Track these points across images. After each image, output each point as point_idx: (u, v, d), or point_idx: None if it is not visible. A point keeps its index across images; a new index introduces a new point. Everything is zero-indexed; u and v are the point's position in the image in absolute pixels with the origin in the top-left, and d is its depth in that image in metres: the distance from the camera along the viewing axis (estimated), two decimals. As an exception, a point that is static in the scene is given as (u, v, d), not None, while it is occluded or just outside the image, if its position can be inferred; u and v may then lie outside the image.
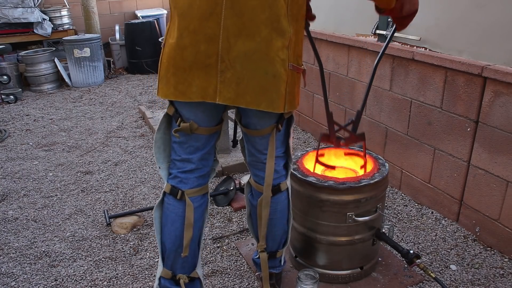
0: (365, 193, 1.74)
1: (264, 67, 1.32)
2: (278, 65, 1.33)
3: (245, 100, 1.35)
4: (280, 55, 1.33)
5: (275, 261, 1.82)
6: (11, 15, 5.54)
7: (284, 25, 1.31)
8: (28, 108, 4.76)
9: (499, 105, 1.98)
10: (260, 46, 1.30)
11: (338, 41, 3.05)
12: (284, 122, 1.55)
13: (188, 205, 1.54)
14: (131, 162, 3.29)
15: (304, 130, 3.81)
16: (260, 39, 1.30)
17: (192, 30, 1.32)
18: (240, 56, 1.31)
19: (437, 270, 2.01)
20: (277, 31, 1.31)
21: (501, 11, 1.94)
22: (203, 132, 1.50)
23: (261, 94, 1.35)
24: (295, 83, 1.44)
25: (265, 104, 1.36)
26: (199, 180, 1.58)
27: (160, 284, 1.62)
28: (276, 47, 1.32)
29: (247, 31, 1.29)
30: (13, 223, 2.51)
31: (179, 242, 1.55)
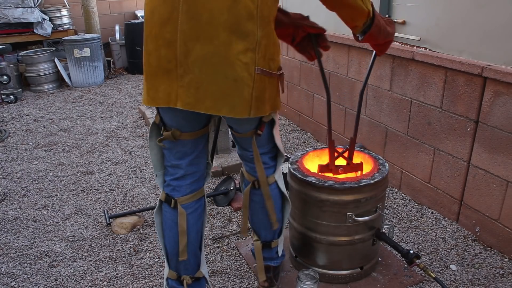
0: (365, 193, 1.74)
1: (223, 71, 1.29)
2: (240, 69, 1.29)
3: (205, 105, 1.32)
4: (241, 59, 1.28)
5: (270, 252, 1.82)
6: (11, 15, 5.55)
7: (248, 28, 1.27)
8: (28, 108, 4.76)
9: (499, 105, 1.98)
10: (218, 49, 1.27)
11: (338, 41, 3.05)
12: (266, 126, 1.55)
13: (180, 214, 1.56)
14: (131, 162, 3.29)
15: (304, 130, 3.81)
16: (218, 42, 1.26)
17: (154, 35, 1.32)
18: (199, 60, 1.28)
19: (437, 270, 2.01)
20: (237, 34, 1.27)
21: (501, 11, 1.94)
22: (188, 137, 1.50)
23: (222, 99, 1.31)
24: (266, 88, 1.39)
25: (226, 110, 1.33)
26: (192, 186, 1.59)
27: (168, 284, 1.67)
28: (236, 50, 1.27)
29: (205, 35, 1.26)
30: (13, 223, 2.51)
31: (178, 247, 1.59)
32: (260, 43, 1.31)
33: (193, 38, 1.27)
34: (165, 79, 1.33)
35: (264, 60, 1.35)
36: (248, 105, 1.35)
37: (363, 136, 3.00)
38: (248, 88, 1.32)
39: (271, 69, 1.39)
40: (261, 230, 1.79)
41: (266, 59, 1.35)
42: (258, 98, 1.37)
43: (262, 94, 1.38)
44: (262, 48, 1.32)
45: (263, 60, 1.34)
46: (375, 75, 2.76)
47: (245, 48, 1.28)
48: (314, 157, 2.03)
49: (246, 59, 1.29)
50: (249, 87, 1.32)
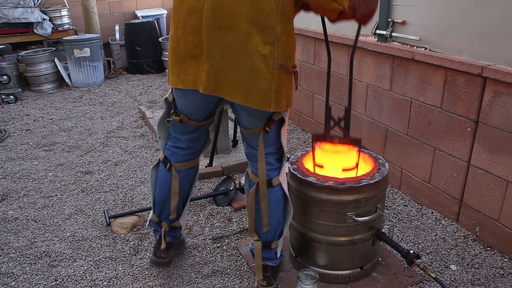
0: (365, 193, 1.74)
1: (241, 60, 1.35)
2: (257, 60, 1.35)
3: (222, 90, 1.40)
4: (260, 51, 1.34)
5: (270, 253, 1.83)
6: (11, 15, 5.54)
7: (268, 22, 1.32)
8: (28, 108, 4.76)
9: (499, 105, 1.98)
10: (238, 39, 1.33)
11: (338, 41, 3.05)
12: (274, 124, 1.57)
13: (174, 177, 1.79)
14: (131, 162, 3.29)
15: (304, 130, 3.81)
16: (239, 32, 1.32)
17: (182, 23, 1.42)
18: (220, 47, 1.35)
19: (437, 270, 2.01)
20: (257, 26, 1.32)
21: (501, 11, 1.94)
22: (193, 124, 1.69)
23: (237, 86, 1.38)
24: (284, 83, 1.44)
25: (240, 97, 1.40)
26: (188, 156, 1.80)
27: (149, 224, 1.95)
28: (255, 41, 1.33)
29: (226, 24, 1.33)
30: (13, 223, 2.51)
31: (165, 200, 1.83)
32: (279, 38, 1.36)
33: (215, 26, 1.34)
34: (193, 63, 1.44)
35: (283, 56, 1.40)
36: (267, 98, 1.40)
37: (363, 136, 3.00)
38: (265, 80, 1.38)
39: (288, 65, 1.44)
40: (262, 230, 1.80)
41: (284, 55, 1.40)
42: (278, 92, 1.42)
43: (280, 88, 1.43)
44: (281, 43, 1.37)
45: (282, 55, 1.39)
46: (375, 75, 2.76)
47: (264, 41, 1.34)
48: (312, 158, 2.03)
49: (265, 51, 1.34)
50: (266, 80, 1.38)
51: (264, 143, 1.62)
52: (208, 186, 2.85)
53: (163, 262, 1.93)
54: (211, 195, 2.67)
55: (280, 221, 1.78)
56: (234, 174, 2.98)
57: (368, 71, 2.82)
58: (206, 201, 2.67)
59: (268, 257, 1.84)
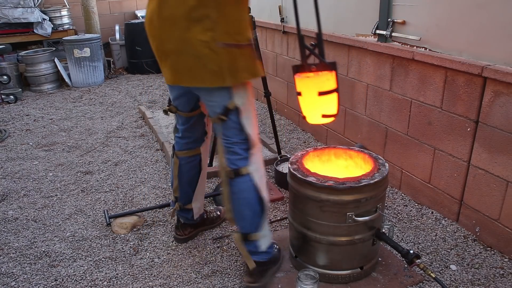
0: (365, 193, 1.74)
1: (187, 51, 1.56)
2: (200, 47, 1.54)
3: (182, 80, 1.64)
4: (201, 38, 1.54)
5: (250, 245, 1.83)
6: (11, 15, 5.55)
7: (200, 13, 1.52)
8: (28, 108, 4.76)
9: (499, 105, 1.98)
10: (180, 34, 1.56)
11: (338, 41, 3.05)
12: (232, 114, 1.68)
13: (174, 162, 2.07)
14: (131, 162, 3.29)
15: (304, 130, 3.81)
16: (179, 29, 1.55)
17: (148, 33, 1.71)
18: (169, 47, 1.60)
19: (437, 270, 2.01)
20: (192, 20, 1.53)
21: (501, 11, 1.94)
22: (182, 114, 1.94)
23: (191, 74, 1.60)
24: (237, 58, 1.59)
25: (196, 81, 1.61)
26: (188, 145, 2.03)
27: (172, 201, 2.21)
28: (194, 32, 1.54)
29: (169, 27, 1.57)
30: (13, 223, 2.51)
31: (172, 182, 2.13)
32: (217, 21, 1.54)
33: (164, 31, 1.60)
34: (162, 63, 1.72)
35: (229, 35, 1.57)
36: (220, 75, 1.58)
37: (363, 136, 3.00)
38: (213, 61, 1.56)
39: (239, 41, 1.60)
40: (238, 220, 1.83)
41: (230, 34, 1.57)
42: (231, 67, 1.58)
43: (234, 63, 1.59)
44: (221, 26, 1.55)
45: (227, 35, 1.56)
46: (375, 75, 2.76)
47: (202, 29, 1.54)
48: (314, 157, 2.03)
49: (205, 37, 1.54)
50: (214, 60, 1.56)
51: (228, 132, 1.74)
52: (208, 186, 2.85)
53: (178, 238, 2.26)
54: (211, 195, 2.67)
55: (256, 212, 1.79)
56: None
57: (368, 71, 2.82)
58: (206, 201, 2.67)
59: (250, 250, 1.83)
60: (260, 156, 1.82)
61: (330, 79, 1.73)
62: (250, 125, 1.73)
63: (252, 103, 1.76)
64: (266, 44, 4.28)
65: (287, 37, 3.83)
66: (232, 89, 1.65)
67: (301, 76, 1.74)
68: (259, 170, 1.79)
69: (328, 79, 1.74)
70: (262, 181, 1.80)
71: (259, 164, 1.80)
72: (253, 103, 1.77)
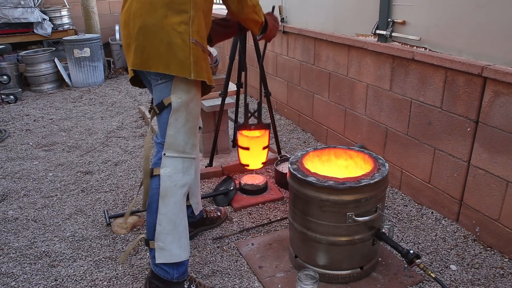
0: (365, 193, 1.74)
1: (160, 37, 1.58)
2: (173, 36, 1.58)
3: (148, 64, 1.61)
4: (176, 28, 1.58)
5: (151, 252, 1.77)
6: (11, 15, 5.55)
7: (183, 7, 1.59)
8: (28, 108, 4.76)
9: (499, 105, 1.98)
10: (157, 21, 1.58)
11: (338, 41, 3.05)
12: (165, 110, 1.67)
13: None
14: (131, 162, 3.29)
15: (304, 130, 3.81)
16: (157, 15, 1.58)
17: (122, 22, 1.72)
18: (142, 30, 1.60)
19: (437, 270, 2.01)
20: (172, 10, 1.58)
21: (501, 11, 1.94)
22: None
23: (158, 58, 1.59)
24: (201, 58, 1.64)
25: (162, 67, 1.60)
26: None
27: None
28: (171, 22, 1.58)
29: (147, 11, 1.59)
30: (13, 223, 2.51)
31: None
32: (193, 20, 1.61)
33: (138, 15, 1.61)
34: (128, 53, 1.70)
35: (198, 36, 1.63)
36: (187, 67, 1.60)
37: (363, 136, 3.00)
38: (183, 52, 1.59)
39: (204, 46, 1.67)
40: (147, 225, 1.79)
41: (199, 35, 1.64)
42: (196, 63, 1.62)
43: (199, 61, 1.63)
44: (195, 25, 1.62)
45: (197, 34, 1.63)
46: (375, 75, 2.76)
47: (180, 21, 1.59)
48: (314, 157, 2.03)
49: (180, 29, 1.59)
50: (184, 51, 1.59)
51: (159, 131, 1.74)
52: (208, 186, 2.85)
53: None
54: (211, 195, 2.67)
55: (153, 222, 1.71)
56: (234, 174, 2.98)
57: (368, 71, 2.82)
58: (206, 201, 2.67)
59: (151, 258, 1.78)
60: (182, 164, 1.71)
61: (266, 136, 2.66)
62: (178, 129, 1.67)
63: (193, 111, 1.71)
64: (266, 44, 4.28)
65: (287, 37, 3.83)
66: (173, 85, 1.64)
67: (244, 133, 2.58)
68: (172, 178, 1.69)
69: (265, 137, 2.66)
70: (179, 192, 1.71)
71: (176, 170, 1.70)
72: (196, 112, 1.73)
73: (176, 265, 1.77)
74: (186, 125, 1.69)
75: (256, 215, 2.51)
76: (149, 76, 1.70)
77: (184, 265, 1.80)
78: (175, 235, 1.73)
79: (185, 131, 1.69)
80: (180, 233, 1.75)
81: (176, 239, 1.74)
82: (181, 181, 1.71)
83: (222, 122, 3.05)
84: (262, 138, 2.65)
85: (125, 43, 1.72)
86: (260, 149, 2.66)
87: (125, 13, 1.69)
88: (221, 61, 4.41)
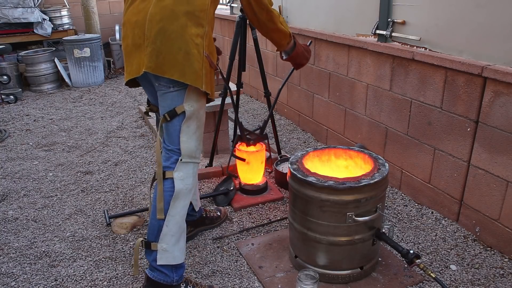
0: (365, 193, 1.74)
1: (179, 45, 1.59)
2: (192, 46, 1.60)
3: (162, 69, 1.61)
4: (194, 40, 1.60)
5: (150, 255, 1.77)
6: (11, 15, 5.55)
7: (201, 20, 1.62)
8: (28, 108, 4.76)
9: (499, 105, 1.98)
10: (177, 28, 1.59)
11: (338, 41, 3.05)
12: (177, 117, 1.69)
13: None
14: (131, 162, 3.29)
15: (304, 130, 3.81)
16: (177, 23, 1.59)
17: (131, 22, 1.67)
18: (160, 34, 1.59)
19: (437, 270, 2.01)
20: (192, 21, 1.60)
21: (501, 11, 1.94)
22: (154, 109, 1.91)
23: (175, 65, 1.60)
24: (209, 72, 1.68)
25: (177, 74, 1.61)
26: None
27: None
28: (191, 32, 1.60)
29: (167, 17, 1.59)
30: (13, 223, 2.51)
31: None
32: (206, 34, 1.65)
33: (158, 20, 1.59)
34: (137, 53, 1.66)
35: (208, 50, 1.67)
36: (200, 77, 1.63)
37: (363, 136, 3.00)
38: (198, 63, 1.62)
39: (213, 61, 1.70)
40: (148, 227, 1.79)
41: (209, 50, 1.67)
42: (206, 76, 1.65)
43: (208, 74, 1.66)
44: (207, 39, 1.66)
45: (207, 49, 1.66)
46: (375, 75, 2.76)
47: (197, 33, 1.62)
48: (314, 157, 2.03)
49: (197, 40, 1.62)
50: (198, 63, 1.62)
51: (167, 137, 1.74)
52: (208, 186, 2.85)
53: None
54: (211, 195, 2.67)
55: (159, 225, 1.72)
56: (234, 174, 2.98)
57: (368, 71, 2.82)
58: (206, 201, 2.67)
59: (149, 261, 1.78)
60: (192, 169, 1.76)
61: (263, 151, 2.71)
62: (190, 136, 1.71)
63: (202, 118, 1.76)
64: (266, 44, 4.28)
65: (287, 37, 3.82)
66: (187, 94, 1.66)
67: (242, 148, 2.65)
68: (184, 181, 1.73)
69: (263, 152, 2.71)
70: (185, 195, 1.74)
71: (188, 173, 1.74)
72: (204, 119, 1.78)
73: (176, 268, 1.78)
74: (197, 131, 1.74)
75: (256, 215, 2.51)
76: (157, 81, 1.68)
77: (182, 268, 1.81)
78: (178, 237, 1.76)
79: (196, 137, 1.74)
80: (181, 236, 1.78)
81: (178, 242, 1.76)
82: (191, 184, 1.76)
83: (222, 122, 3.05)
84: (261, 153, 2.67)
85: (134, 43, 1.67)
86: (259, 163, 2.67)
87: (138, 13, 1.65)
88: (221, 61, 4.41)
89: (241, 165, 2.68)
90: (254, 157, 2.64)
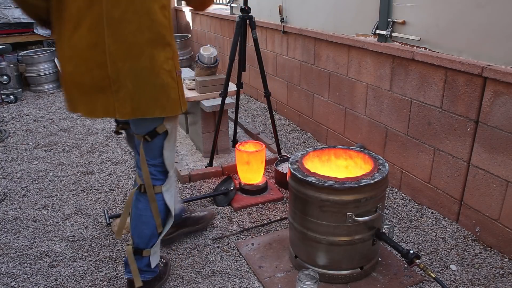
0: (365, 193, 1.74)
1: (152, 81, 1.51)
2: (164, 77, 1.53)
3: (140, 111, 1.54)
4: (165, 67, 1.53)
5: (141, 261, 1.81)
6: (11, 15, 5.55)
7: (166, 41, 1.52)
8: (28, 108, 4.76)
9: (499, 105, 1.98)
10: (145, 64, 1.49)
11: (338, 41, 3.05)
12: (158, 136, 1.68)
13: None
14: (131, 162, 3.29)
15: (304, 130, 3.81)
16: (144, 58, 1.48)
17: (84, 58, 1.48)
18: (130, 76, 1.49)
19: (437, 270, 2.01)
20: (158, 47, 1.50)
21: (501, 11, 1.94)
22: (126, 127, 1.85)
23: (153, 103, 1.54)
24: (181, 84, 1.64)
25: (158, 111, 1.56)
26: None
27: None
28: (159, 61, 1.51)
29: (131, 54, 1.47)
30: (13, 223, 2.51)
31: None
32: (175, 51, 1.59)
33: (121, 59, 1.47)
34: (101, 96, 1.52)
35: (177, 64, 1.61)
36: (178, 103, 1.60)
37: (363, 136, 3.00)
38: (174, 90, 1.58)
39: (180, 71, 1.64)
40: (135, 236, 1.80)
41: (177, 61, 1.62)
42: (182, 95, 1.63)
43: (182, 91, 1.64)
44: (176, 55, 1.60)
45: (177, 64, 1.61)
46: (375, 75, 2.76)
47: (166, 58, 1.53)
48: (314, 157, 2.03)
49: (168, 66, 1.54)
50: (174, 89, 1.58)
51: (147, 153, 1.71)
52: (208, 186, 2.85)
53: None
54: (211, 195, 2.67)
55: (154, 233, 1.79)
56: (234, 174, 2.98)
57: (368, 71, 2.82)
58: (206, 201, 2.67)
59: (140, 266, 1.81)
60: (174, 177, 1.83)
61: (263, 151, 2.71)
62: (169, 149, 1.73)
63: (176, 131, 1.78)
64: (266, 44, 4.28)
65: (287, 37, 3.83)
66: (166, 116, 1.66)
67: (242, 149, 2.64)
68: (171, 192, 1.80)
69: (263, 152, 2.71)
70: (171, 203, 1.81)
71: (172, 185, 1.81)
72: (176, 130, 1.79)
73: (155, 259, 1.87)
74: (173, 145, 1.77)
75: (256, 215, 2.51)
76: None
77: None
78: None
79: (173, 150, 1.78)
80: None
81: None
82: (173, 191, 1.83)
83: (222, 122, 3.05)
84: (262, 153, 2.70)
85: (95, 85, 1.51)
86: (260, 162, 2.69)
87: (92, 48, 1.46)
88: (221, 61, 4.41)
89: (241, 165, 2.68)
90: (254, 157, 2.63)
